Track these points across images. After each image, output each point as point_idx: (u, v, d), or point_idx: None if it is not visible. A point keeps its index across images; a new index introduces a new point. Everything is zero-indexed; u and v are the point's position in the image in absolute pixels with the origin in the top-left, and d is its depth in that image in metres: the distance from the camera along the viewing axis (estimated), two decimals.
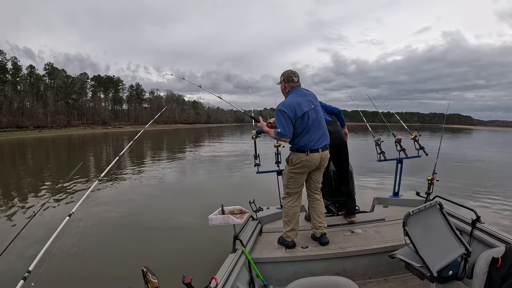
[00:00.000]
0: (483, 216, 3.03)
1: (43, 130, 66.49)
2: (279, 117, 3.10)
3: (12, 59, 77.65)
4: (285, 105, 3.12)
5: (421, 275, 2.21)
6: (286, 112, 3.07)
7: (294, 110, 3.09)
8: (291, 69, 3.32)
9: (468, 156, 20.10)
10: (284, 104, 3.15)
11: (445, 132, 61.25)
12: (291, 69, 3.32)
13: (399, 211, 3.94)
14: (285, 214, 3.38)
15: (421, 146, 4.43)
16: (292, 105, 3.10)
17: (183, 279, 1.80)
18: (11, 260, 4.24)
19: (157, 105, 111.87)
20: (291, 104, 3.12)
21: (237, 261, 2.76)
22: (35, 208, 8.00)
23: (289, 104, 3.12)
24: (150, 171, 14.51)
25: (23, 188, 11.55)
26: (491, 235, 2.76)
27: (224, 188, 10.81)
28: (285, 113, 3.07)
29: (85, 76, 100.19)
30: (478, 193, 8.92)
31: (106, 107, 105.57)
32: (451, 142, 34.81)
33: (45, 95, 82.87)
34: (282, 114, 3.08)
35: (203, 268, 3.10)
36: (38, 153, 27.67)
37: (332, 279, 2.07)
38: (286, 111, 3.07)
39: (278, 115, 3.11)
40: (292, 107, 3.09)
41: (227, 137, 43.86)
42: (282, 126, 3.08)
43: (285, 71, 3.33)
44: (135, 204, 8.66)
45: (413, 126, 5.21)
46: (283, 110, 3.08)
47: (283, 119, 3.07)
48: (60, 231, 2.45)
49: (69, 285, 4.21)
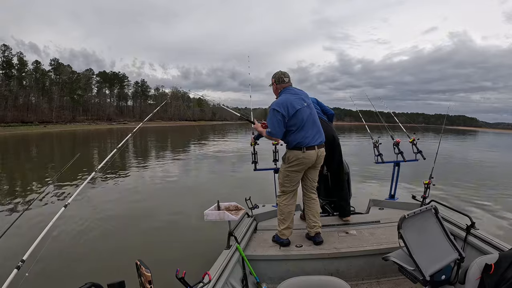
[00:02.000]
0: (480, 222, 3.02)
1: (47, 125, 66.89)
2: (271, 116, 3.16)
3: (18, 54, 78.24)
4: (278, 103, 3.17)
5: (413, 279, 2.21)
6: (279, 110, 3.11)
7: (286, 108, 3.12)
8: (281, 70, 3.39)
9: (473, 159, 19.99)
10: (277, 103, 3.20)
11: (450, 134, 61.08)
12: (281, 70, 3.39)
13: (395, 213, 3.97)
14: (280, 212, 3.38)
15: (419, 150, 4.42)
16: (284, 103, 3.15)
17: (176, 273, 1.79)
18: (4, 249, 4.29)
19: (162, 102, 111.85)
20: (283, 102, 3.16)
21: (231, 257, 2.77)
22: (32, 200, 8.11)
23: (282, 102, 3.17)
24: (150, 167, 14.59)
25: (24, 180, 11.69)
26: (485, 242, 2.76)
27: (222, 185, 10.86)
28: (278, 111, 3.11)
29: (91, 72, 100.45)
30: (477, 199, 8.81)
31: (111, 103, 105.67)
32: (453, 143, 34.68)
33: (50, 90, 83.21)
34: (273, 113, 3.14)
35: (197, 263, 3.11)
36: (42, 147, 27.88)
37: (325, 279, 2.07)
38: (278, 110, 3.11)
39: (271, 113, 3.16)
40: (284, 105, 3.13)
41: (229, 135, 43.80)
42: (272, 126, 3.15)
43: (275, 72, 3.40)
44: (133, 199, 8.70)
45: (417, 127, 5.18)
46: (276, 108, 3.13)
47: (274, 118, 3.13)
48: (55, 222, 2.45)
49: (63, 276, 4.26)
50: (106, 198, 8.65)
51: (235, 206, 3.29)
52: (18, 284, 1.99)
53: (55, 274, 4.25)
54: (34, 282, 3.36)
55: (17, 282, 1.99)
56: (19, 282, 2.00)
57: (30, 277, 2.06)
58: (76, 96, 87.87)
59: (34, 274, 2.16)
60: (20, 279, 2.00)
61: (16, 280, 1.99)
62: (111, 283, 1.52)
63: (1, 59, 74.19)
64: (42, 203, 7.83)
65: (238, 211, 3.24)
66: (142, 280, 1.52)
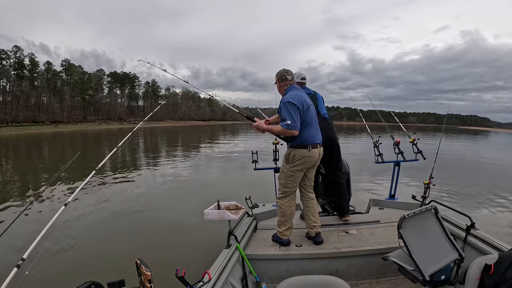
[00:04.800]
0: (480, 222, 3.00)
1: (59, 125, 67.91)
2: (287, 108, 3.05)
3: (30, 55, 79.55)
4: (292, 97, 3.10)
5: (413, 279, 2.22)
6: (295, 103, 3.05)
7: (301, 102, 3.09)
8: (285, 68, 3.37)
9: (482, 159, 19.72)
10: (291, 96, 3.12)
11: (462, 134, 60.37)
12: (284, 68, 3.37)
13: (394, 213, 3.95)
14: (282, 214, 3.34)
15: (419, 150, 4.40)
16: (298, 97, 3.11)
17: (176, 272, 1.80)
18: (5, 247, 4.35)
19: (172, 102, 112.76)
20: (297, 96, 3.12)
21: (231, 256, 2.77)
22: (32, 198, 8.22)
23: (295, 96, 3.12)
24: (156, 166, 14.74)
25: (35, 177, 11.88)
26: (485, 242, 2.75)
27: (222, 184, 10.87)
28: (294, 104, 3.04)
29: (102, 73, 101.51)
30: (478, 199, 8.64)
31: (122, 103, 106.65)
32: (466, 143, 34.25)
33: (61, 90, 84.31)
34: (291, 106, 3.04)
35: (196, 263, 3.11)
36: (53, 146, 28.32)
37: (324, 278, 2.06)
38: (295, 103, 3.05)
39: (287, 106, 3.06)
40: (299, 99, 3.10)
41: (239, 135, 43.85)
42: (291, 118, 3.02)
43: (279, 70, 3.37)
44: (133, 198, 8.75)
45: (429, 127, 5.15)
46: (291, 101, 3.05)
47: (292, 110, 3.04)
48: (55, 221, 2.46)
49: (63, 274, 4.28)
50: (106, 197, 8.72)
51: (235, 205, 3.29)
52: (18, 282, 2.01)
53: (55, 273, 4.28)
54: (34, 280, 3.41)
55: (17, 280, 2.01)
56: (19, 281, 2.01)
57: (30, 275, 2.07)
58: (87, 96, 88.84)
59: (34, 272, 2.17)
60: (20, 278, 2.02)
61: (16, 279, 2.01)
62: (111, 282, 1.53)
63: (13, 60, 75.48)
64: (44, 201, 7.96)
65: (238, 210, 3.24)
66: (142, 279, 1.52)
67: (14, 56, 75.63)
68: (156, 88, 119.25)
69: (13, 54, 75.50)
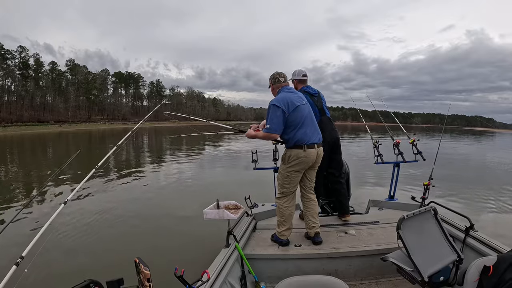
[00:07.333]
0: (479, 224, 2.99)
1: (63, 124, 68.34)
2: (270, 112, 3.12)
3: (34, 55, 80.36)
4: (277, 99, 3.15)
5: (412, 280, 2.22)
6: (279, 106, 3.08)
7: (286, 104, 3.10)
8: (277, 71, 3.40)
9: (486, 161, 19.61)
10: (276, 99, 3.18)
11: (467, 135, 60.02)
12: (277, 71, 3.40)
13: (394, 214, 3.93)
14: (280, 214, 3.34)
15: (419, 150, 4.38)
16: (284, 99, 3.13)
17: (175, 271, 1.80)
18: (3, 245, 4.36)
19: (177, 102, 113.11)
20: (283, 98, 3.15)
21: (230, 256, 2.77)
22: (32, 197, 8.21)
23: (281, 98, 3.16)
24: (157, 168, 14.68)
25: (36, 176, 11.93)
26: (483, 243, 2.73)
27: (222, 183, 10.86)
28: (278, 107, 3.08)
29: (106, 73, 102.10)
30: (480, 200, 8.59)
31: (127, 103, 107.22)
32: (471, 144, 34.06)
33: (66, 90, 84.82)
34: (274, 108, 3.10)
35: (195, 262, 3.10)
36: (57, 146, 28.45)
37: (323, 278, 2.05)
38: (278, 105, 3.08)
39: (270, 109, 3.13)
40: (284, 101, 3.11)
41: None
42: (271, 122, 3.10)
43: (272, 74, 3.42)
44: (134, 198, 8.77)
45: (434, 128, 5.13)
46: (275, 104, 3.10)
47: (273, 113, 3.09)
48: (54, 219, 2.47)
49: (62, 273, 4.29)
50: (106, 197, 8.74)
51: (235, 205, 3.30)
52: (17, 280, 2.01)
53: (54, 271, 4.29)
54: (33, 278, 3.42)
55: (16, 278, 2.02)
56: (18, 279, 2.02)
57: (29, 273, 2.08)
58: (92, 96, 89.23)
59: (33, 270, 2.17)
60: (19, 276, 2.03)
61: (15, 277, 2.02)
62: (110, 280, 1.54)
63: (18, 60, 76.08)
64: (45, 200, 8.02)
65: (237, 210, 3.25)
66: (141, 278, 1.53)
67: (19, 56, 76.49)
68: (160, 88, 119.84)
69: (18, 54, 76.35)
